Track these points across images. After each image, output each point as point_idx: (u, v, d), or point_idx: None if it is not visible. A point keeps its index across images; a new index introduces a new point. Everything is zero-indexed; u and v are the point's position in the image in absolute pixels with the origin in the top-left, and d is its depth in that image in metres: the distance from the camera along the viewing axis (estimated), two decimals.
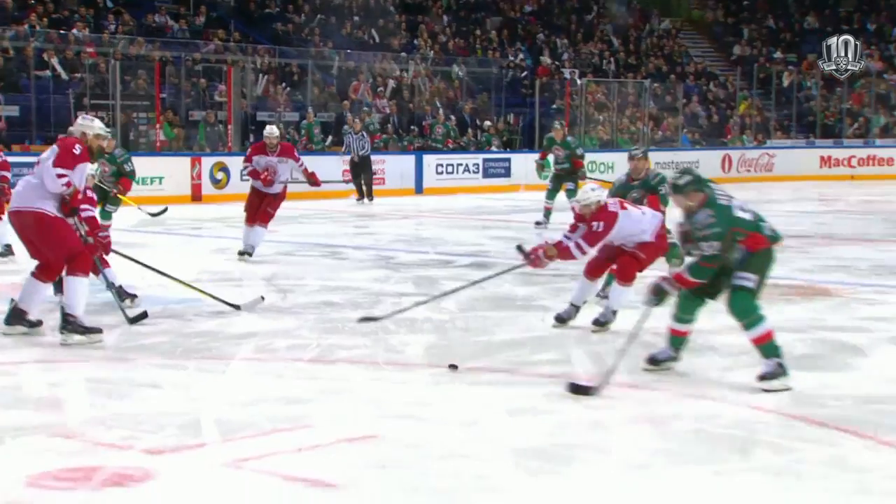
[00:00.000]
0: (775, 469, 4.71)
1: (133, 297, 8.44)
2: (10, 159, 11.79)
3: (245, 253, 11.45)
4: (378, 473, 4.61)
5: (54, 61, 21.04)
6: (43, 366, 6.59)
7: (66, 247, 7.20)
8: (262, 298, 8.55)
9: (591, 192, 7.56)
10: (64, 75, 21.03)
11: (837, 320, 8.28)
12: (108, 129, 7.74)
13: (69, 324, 7.10)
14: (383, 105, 24.92)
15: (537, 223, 15.29)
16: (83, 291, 7.22)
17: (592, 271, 7.82)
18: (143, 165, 19.28)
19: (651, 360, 6.41)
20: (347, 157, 20.03)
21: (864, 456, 4.97)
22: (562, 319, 7.77)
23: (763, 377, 5.94)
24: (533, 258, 7.54)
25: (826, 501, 4.36)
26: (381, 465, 4.73)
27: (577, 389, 5.74)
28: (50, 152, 7.28)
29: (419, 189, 22.52)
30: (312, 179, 12.09)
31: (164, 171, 19.46)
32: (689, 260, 6.25)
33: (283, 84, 23.89)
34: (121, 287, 8.27)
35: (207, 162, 19.93)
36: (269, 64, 24.17)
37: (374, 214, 18.12)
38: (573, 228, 7.64)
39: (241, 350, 7.10)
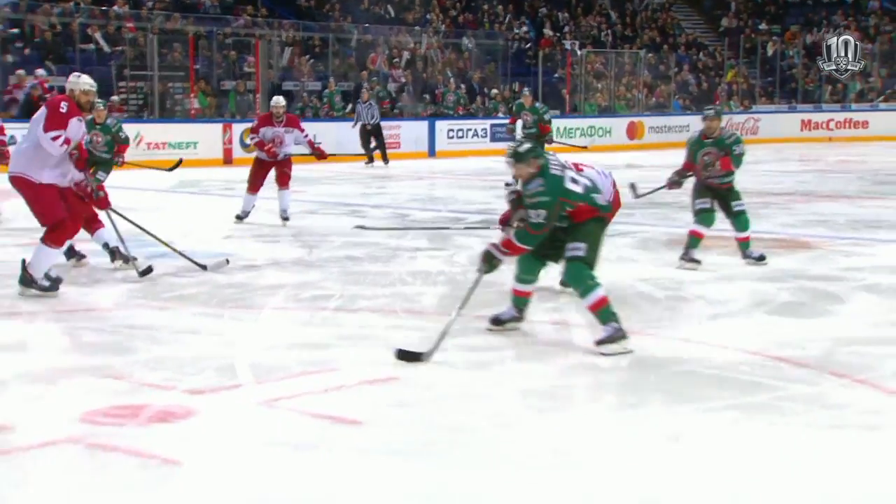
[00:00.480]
0: (760, 406, 4.73)
1: (133, 258, 8.09)
2: None
3: (242, 217, 11.08)
4: (398, 411, 4.64)
5: (97, 35, 21.00)
6: (92, 314, 6.62)
7: (49, 216, 6.97)
8: (227, 261, 8.25)
9: None
10: (106, 48, 20.99)
11: (817, 270, 8.27)
12: (96, 85, 7.29)
13: (28, 280, 6.95)
14: (399, 75, 24.81)
15: (507, 184, 15.22)
16: (50, 261, 7.02)
17: None
18: (178, 131, 19.42)
19: (494, 320, 6.07)
20: (358, 125, 19.84)
21: (841, 393, 4.98)
22: None
23: (601, 342, 5.54)
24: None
25: (807, 435, 4.37)
26: (401, 404, 4.75)
27: (406, 356, 5.34)
28: (40, 114, 6.99)
29: (432, 152, 22.48)
30: (318, 152, 11.40)
31: (198, 137, 19.49)
32: (517, 227, 5.82)
33: (307, 56, 23.79)
34: (117, 248, 8.10)
35: (238, 128, 19.90)
36: (293, 37, 24.04)
37: (391, 176, 18.08)
38: None
39: (272, 300, 7.12)
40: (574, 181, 5.71)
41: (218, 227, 10.83)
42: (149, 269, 7.68)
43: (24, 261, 7.02)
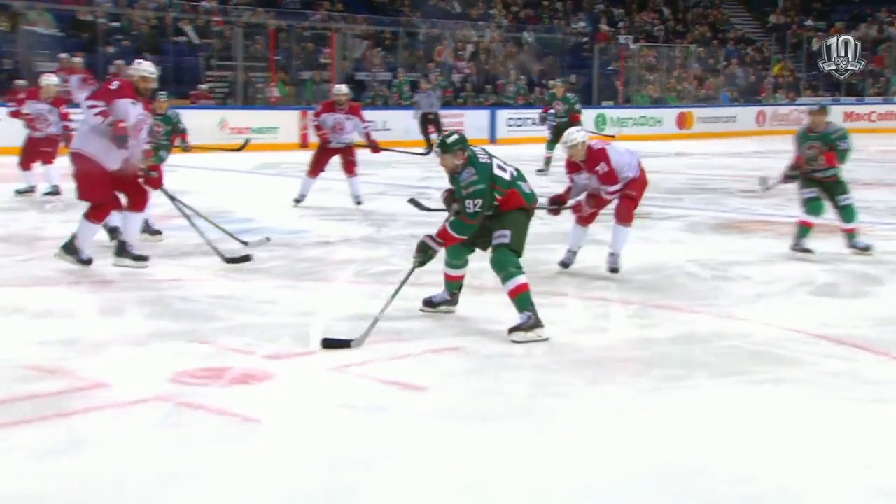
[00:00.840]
0: (801, 380, 4.67)
1: (158, 232, 8.20)
2: None
3: (299, 200, 10.75)
4: (460, 379, 4.65)
5: (188, 28, 21.22)
6: (181, 283, 6.70)
7: (91, 194, 6.91)
8: (268, 239, 8.14)
9: (576, 132, 6.97)
10: (196, 40, 21.20)
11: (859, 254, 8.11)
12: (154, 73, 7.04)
13: (72, 249, 6.90)
14: (463, 66, 24.75)
15: (539, 171, 15.15)
16: (91, 235, 6.97)
17: (585, 218, 7.15)
18: (259, 118, 19.57)
19: (427, 302, 5.88)
20: (419, 113, 19.75)
21: (878, 369, 4.89)
22: (564, 265, 7.22)
23: (513, 329, 5.27)
24: (576, 208, 7.09)
25: (844, 408, 4.30)
26: (463, 372, 4.76)
27: (332, 344, 5.03)
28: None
29: (493, 139, 22.39)
30: (373, 144, 10.98)
31: (277, 123, 19.62)
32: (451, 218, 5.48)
33: (379, 48, 23.82)
34: (146, 221, 8.03)
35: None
36: (366, 31, 24.09)
37: None
38: (571, 170, 7.06)
39: (343, 274, 7.17)
40: (501, 168, 5.53)
41: (295, 206, 10.88)
42: (245, 258, 7.30)
43: (74, 234, 6.99)
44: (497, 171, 5.47)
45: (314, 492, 3.38)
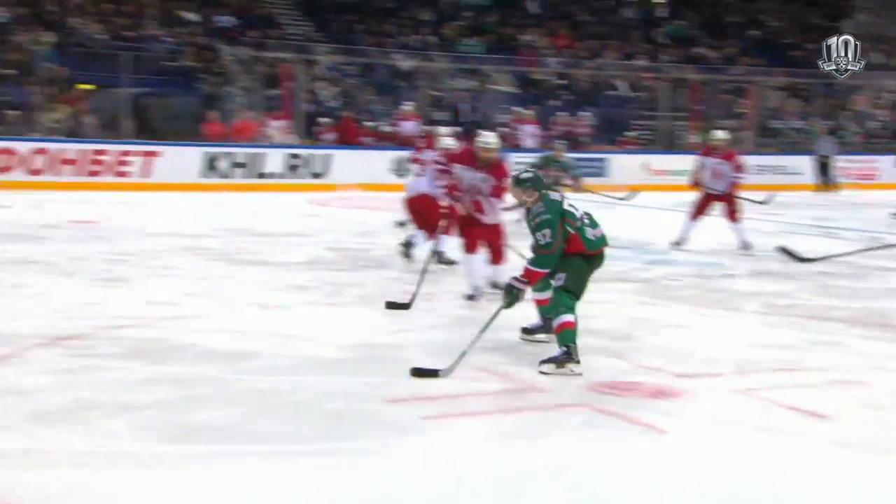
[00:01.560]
0: None
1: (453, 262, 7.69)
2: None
3: (678, 243, 9.80)
4: (863, 411, 4.24)
5: (621, 84, 21.59)
6: (602, 305, 6.58)
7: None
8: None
9: None
10: (626, 94, 21.50)
11: None
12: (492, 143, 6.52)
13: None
14: (879, 114, 22.72)
15: (892, 214, 13.26)
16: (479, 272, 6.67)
17: None
18: (678, 161, 19.20)
19: (524, 330, 5.43)
20: (817, 157, 18.57)
21: None
22: None
23: (543, 361, 4.79)
24: None
25: None
26: (867, 405, 4.34)
27: (421, 373, 4.60)
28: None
29: None
30: (729, 195, 9.84)
31: (685, 166, 19.21)
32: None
33: (795, 98, 22.60)
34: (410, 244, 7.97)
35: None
36: (784, 83, 22.97)
37: (867, 204, 16.51)
38: None
39: (750, 304, 6.85)
40: (573, 206, 5.01)
41: (703, 241, 10.33)
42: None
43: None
44: (568, 208, 5.03)
45: (711, 500, 3.24)
